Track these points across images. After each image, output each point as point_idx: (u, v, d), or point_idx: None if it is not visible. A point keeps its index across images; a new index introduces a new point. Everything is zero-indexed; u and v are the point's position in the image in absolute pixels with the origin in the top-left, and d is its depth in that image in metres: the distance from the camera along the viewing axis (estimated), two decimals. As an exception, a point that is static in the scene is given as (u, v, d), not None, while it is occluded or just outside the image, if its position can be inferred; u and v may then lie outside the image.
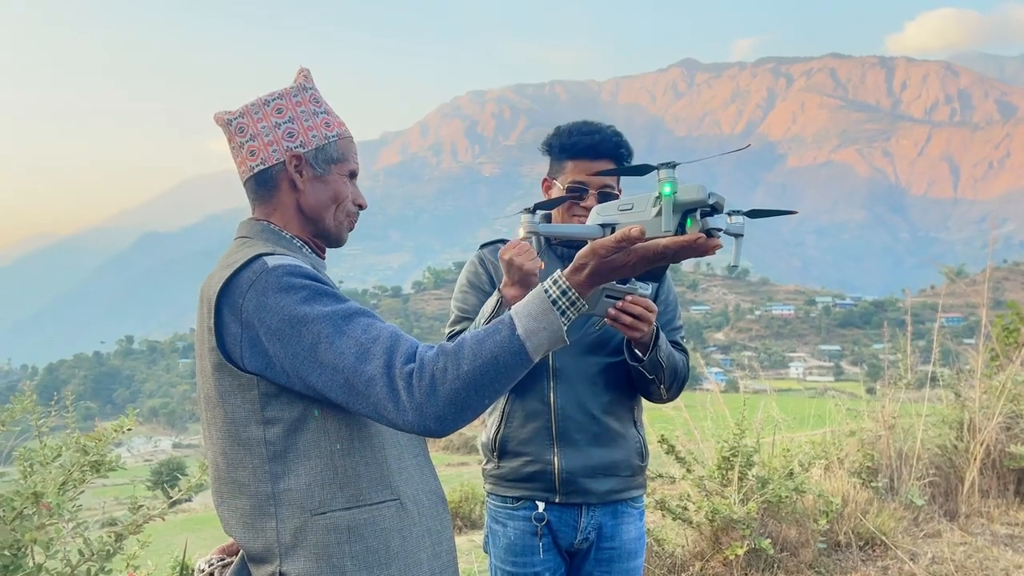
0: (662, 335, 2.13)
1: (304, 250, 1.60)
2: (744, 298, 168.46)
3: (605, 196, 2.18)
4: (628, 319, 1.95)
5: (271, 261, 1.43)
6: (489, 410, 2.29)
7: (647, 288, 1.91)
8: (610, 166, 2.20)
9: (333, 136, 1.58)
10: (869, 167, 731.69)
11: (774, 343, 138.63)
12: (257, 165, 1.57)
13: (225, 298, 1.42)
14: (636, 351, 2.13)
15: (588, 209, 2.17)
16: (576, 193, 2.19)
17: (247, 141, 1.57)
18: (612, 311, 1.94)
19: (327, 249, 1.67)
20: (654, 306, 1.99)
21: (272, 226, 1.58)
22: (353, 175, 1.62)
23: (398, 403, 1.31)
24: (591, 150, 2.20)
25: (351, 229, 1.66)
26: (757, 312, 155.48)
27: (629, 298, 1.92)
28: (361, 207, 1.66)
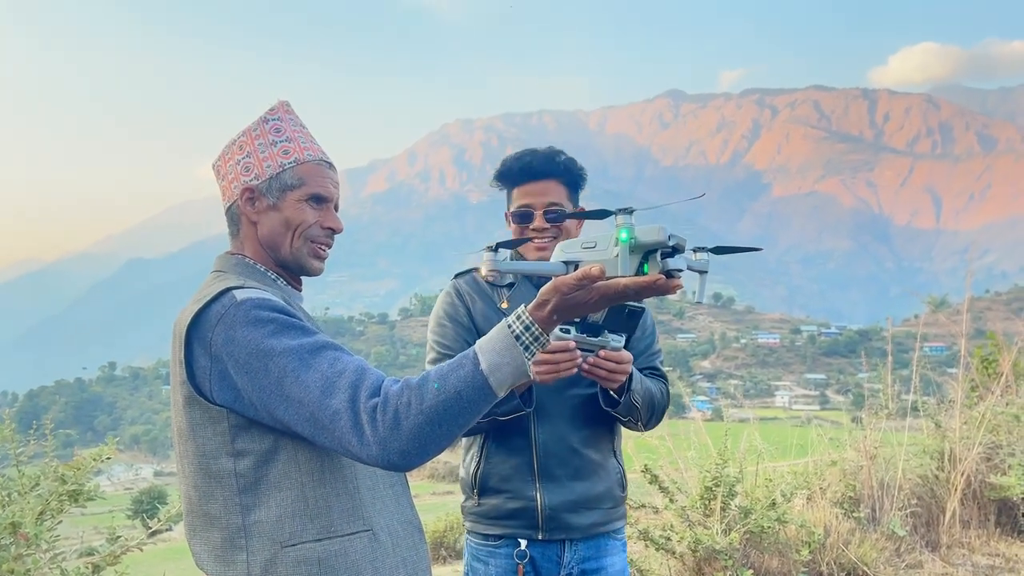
0: (635, 375, 2.10)
1: (279, 283, 1.59)
2: (730, 326, 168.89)
3: (553, 215, 2.17)
4: (603, 372, 1.96)
5: (240, 295, 1.43)
6: (467, 446, 2.30)
7: (620, 340, 1.89)
8: (552, 184, 2.19)
9: (289, 163, 1.57)
10: (853, 197, 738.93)
11: (760, 371, 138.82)
12: (225, 204, 1.61)
13: (195, 332, 1.43)
14: (611, 394, 2.11)
15: (538, 230, 2.18)
16: (524, 219, 2.19)
17: (220, 182, 1.63)
18: (586, 366, 1.93)
19: (310, 278, 1.66)
20: (628, 356, 1.99)
21: (246, 259, 1.59)
22: (318, 199, 1.59)
23: (362, 437, 1.32)
24: (527, 171, 2.19)
25: (319, 256, 1.62)
26: (743, 340, 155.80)
27: (602, 352, 1.91)
28: (333, 230, 1.62)
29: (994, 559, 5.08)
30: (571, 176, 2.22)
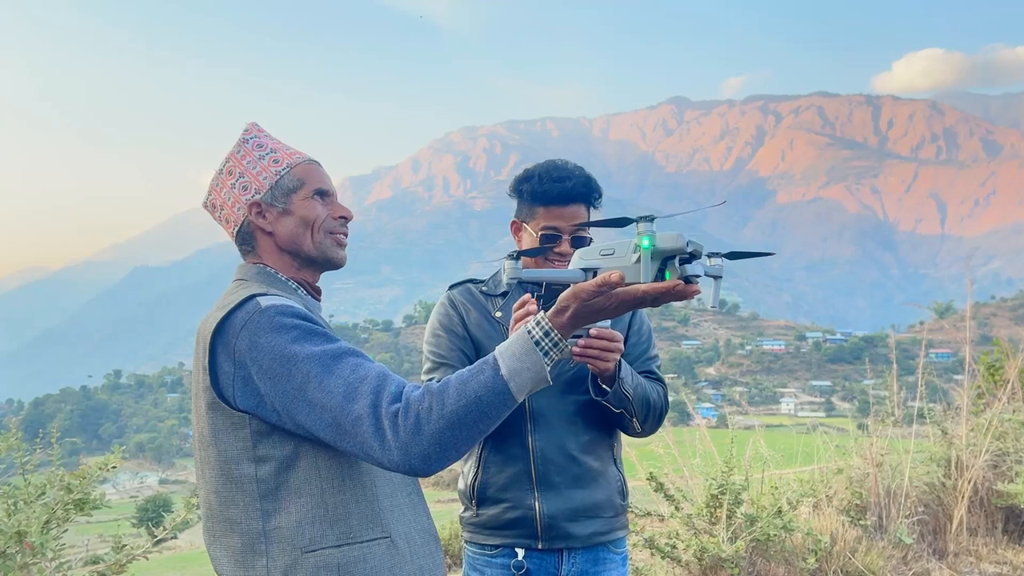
0: (625, 366, 2.09)
1: (299, 292, 1.63)
2: (735, 333, 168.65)
3: (579, 240, 2.17)
4: (595, 352, 1.95)
5: (264, 301, 1.46)
6: (465, 456, 2.25)
7: (605, 320, 1.91)
8: (581, 209, 2.18)
9: (284, 169, 1.62)
10: (858, 203, 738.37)
11: (765, 378, 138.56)
12: (233, 229, 1.64)
13: (219, 338, 1.45)
14: (602, 385, 2.09)
15: (561, 255, 2.16)
16: (550, 240, 2.17)
17: (220, 213, 1.66)
18: (577, 349, 1.94)
19: (333, 271, 1.71)
20: (618, 335, 1.98)
21: (268, 269, 1.62)
22: (322, 193, 1.64)
23: (384, 442, 1.34)
24: (563, 196, 2.17)
25: (342, 245, 1.67)
26: (748, 347, 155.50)
27: (593, 331, 1.93)
28: (345, 218, 1.67)
29: (1001, 567, 5.06)
30: (597, 200, 2.23)
